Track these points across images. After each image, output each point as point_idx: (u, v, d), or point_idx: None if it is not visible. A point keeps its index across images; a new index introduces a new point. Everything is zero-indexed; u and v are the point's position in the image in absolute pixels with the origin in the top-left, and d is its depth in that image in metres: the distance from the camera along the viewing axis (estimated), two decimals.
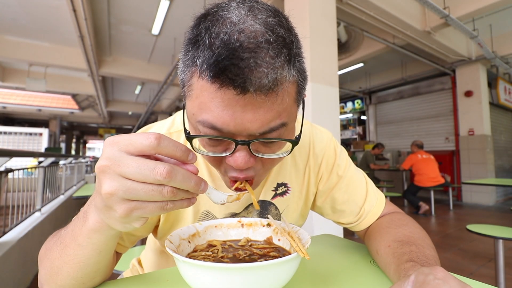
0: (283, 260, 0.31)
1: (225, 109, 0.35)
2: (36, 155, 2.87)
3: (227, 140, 0.38)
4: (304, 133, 0.62)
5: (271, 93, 0.35)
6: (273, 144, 0.41)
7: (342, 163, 0.62)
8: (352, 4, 3.45)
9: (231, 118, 0.35)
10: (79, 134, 18.68)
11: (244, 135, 0.37)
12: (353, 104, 8.66)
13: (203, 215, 0.55)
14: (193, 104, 0.38)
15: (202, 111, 0.37)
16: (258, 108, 0.35)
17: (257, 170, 0.43)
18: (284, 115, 0.38)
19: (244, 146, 0.38)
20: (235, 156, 0.38)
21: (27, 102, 10.60)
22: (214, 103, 0.35)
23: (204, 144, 0.41)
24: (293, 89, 0.38)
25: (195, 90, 0.37)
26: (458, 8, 4.09)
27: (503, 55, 5.44)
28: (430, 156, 4.74)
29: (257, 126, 0.36)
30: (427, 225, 4.03)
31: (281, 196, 0.59)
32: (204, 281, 0.31)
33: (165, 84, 6.60)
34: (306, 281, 0.43)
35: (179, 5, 4.43)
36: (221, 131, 0.36)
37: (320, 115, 2.47)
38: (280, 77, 0.34)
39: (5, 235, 2.06)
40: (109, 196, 0.28)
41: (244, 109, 0.35)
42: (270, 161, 0.43)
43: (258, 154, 0.39)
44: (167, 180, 0.28)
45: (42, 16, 4.82)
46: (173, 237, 0.41)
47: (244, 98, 0.34)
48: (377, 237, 0.53)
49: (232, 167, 0.40)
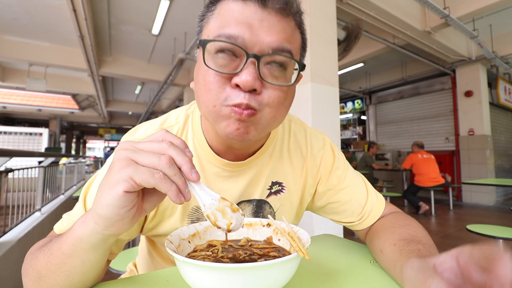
0: (283, 260, 0.31)
1: (244, 21, 0.39)
2: (36, 155, 2.87)
3: (238, 60, 0.41)
4: (301, 135, 0.63)
5: (285, 16, 0.41)
6: (280, 73, 0.42)
7: (340, 164, 0.63)
8: (352, 4, 3.45)
9: (248, 28, 0.39)
10: (79, 134, 18.68)
11: (256, 49, 0.40)
12: (353, 104, 8.66)
13: (192, 211, 0.54)
14: (210, 28, 0.42)
15: (220, 28, 0.41)
16: (274, 25, 0.40)
17: (260, 104, 0.42)
18: (293, 46, 0.43)
19: (253, 61, 0.40)
20: (243, 72, 0.39)
21: (27, 102, 10.60)
22: (234, 17, 0.40)
23: (214, 63, 0.41)
24: (298, 37, 0.45)
25: (217, 14, 0.42)
26: (458, 8, 4.09)
27: (503, 55, 5.44)
28: (431, 156, 4.73)
29: (270, 40, 0.40)
30: (427, 225, 4.03)
31: (275, 194, 0.59)
32: (204, 281, 0.31)
33: (165, 84, 6.60)
34: (306, 281, 0.43)
35: (179, 5, 4.43)
36: (236, 41, 0.39)
37: (320, 115, 2.47)
38: (292, 3, 0.42)
39: (5, 235, 2.06)
40: (118, 156, 0.32)
41: (261, 23, 0.39)
42: (276, 95, 0.42)
43: (265, 78, 0.41)
44: (168, 145, 0.32)
45: (42, 16, 4.82)
46: (173, 237, 0.41)
47: (262, 12, 0.40)
48: (381, 236, 0.52)
49: (237, 88, 0.40)
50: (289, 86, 0.43)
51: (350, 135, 8.95)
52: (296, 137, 0.62)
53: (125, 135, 0.55)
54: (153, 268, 0.66)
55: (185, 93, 8.05)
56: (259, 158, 0.57)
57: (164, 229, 0.54)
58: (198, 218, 0.55)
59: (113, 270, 1.17)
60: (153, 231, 0.55)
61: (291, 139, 0.61)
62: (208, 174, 0.55)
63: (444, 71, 6.03)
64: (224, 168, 0.54)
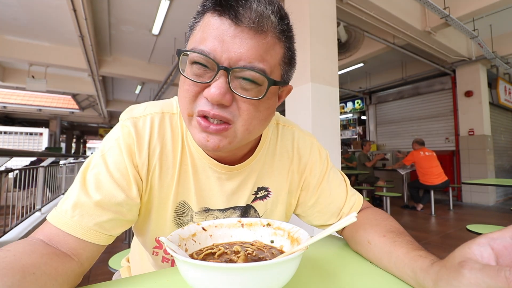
0: (283, 260, 0.31)
1: (217, 37, 0.41)
2: (36, 155, 2.87)
3: (211, 71, 0.42)
4: (288, 137, 0.63)
5: (259, 33, 0.41)
6: (252, 86, 0.42)
7: (324, 167, 0.63)
8: (352, 4, 3.45)
9: (220, 44, 0.40)
10: (79, 134, 18.67)
11: (227, 64, 0.40)
12: (353, 104, 8.66)
13: (180, 205, 0.54)
14: (193, 39, 0.44)
15: (197, 42, 0.42)
16: (245, 42, 0.40)
17: (234, 116, 0.43)
18: (267, 65, 0.42)
19: (224, 73, 0.41)
20: (212, 85, 0.41)
21: (27, 102, 10.60)
22: (211, 33, 0.41)
23: (190, 71, 0.43)
24: (279, 51, 0.45)
25: (199, 26, 0.44)
26: (458, 8, 4.09)
27: (503, 55, 5.44)
28: (432, 154, 4.70)
29: (240, 57, 0.40)
30: (427, 225, 4.03)
31: (261, 200, 0.59)
32: (204, 281, 0.31)
33: (165, 84, 6.60)
34: (306, 281, 0.43)
35: (179, 5, 4.43)
36: (208, 55, 0.40)
37: (320, 115, 2.47)
38: (267, 17, 0.41)
39: (5, 235, 2.06)
40: None
41: (233, 39, 0.40)
42: (246, 108, 0.43)
43: (235, 90, 0.41)
44: None
45: (42, 16, 4.82)
46: (173, 237, 0.41)
47: (235, 29, 0.40)
48: (366, 228, 0.53)
49: (206, 99, 0.42)
50: (259, 99, 0.43)
51: (350, 135, 8.95)
52: (283, 141, 0.62)
53: (123, 113, 0.54)
54: (140, 260, 0.66)
55: None
56: (250, 164, 0.57)
57: (152, 222, 0.54)
58: (183, 212, 0.55)
59: (111, 269, 1.17)
60: (143, 222, 0.55)
61: (278, 143, 0.61)
62: (199, 171, 0.54)
63: (444, 71, 6.03)
64: (214, 168, 0.54)
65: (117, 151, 0.48)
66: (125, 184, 0.48)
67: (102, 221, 0.45)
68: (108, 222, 0.45)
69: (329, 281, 0.43)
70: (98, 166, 0.47)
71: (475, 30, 4.34)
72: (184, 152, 0.54)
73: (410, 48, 5.10)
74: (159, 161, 0.51)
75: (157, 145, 0.51)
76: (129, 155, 0.49)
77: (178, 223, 0.54)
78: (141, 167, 0.50)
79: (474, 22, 4.65)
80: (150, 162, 0.51)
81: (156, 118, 0.53)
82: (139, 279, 0.43)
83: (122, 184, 0.47)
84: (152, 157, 0.51)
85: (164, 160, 0.52)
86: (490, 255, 0.30)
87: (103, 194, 0.45)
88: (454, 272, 0.31)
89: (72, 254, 0.42)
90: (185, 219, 0.55)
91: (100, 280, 2.08)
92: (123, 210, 0.47)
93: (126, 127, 0.50)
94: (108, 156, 0.48)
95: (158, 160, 0.51)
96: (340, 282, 0.43)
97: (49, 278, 0.35)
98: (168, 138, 0.53)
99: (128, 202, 0.47)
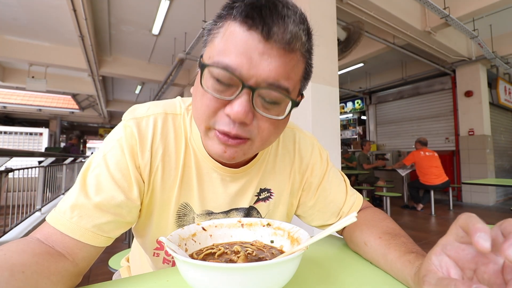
0: (283, 260, 0.31)
1: (244, 52, 0.38)
2: (36, 155, 2.87)
3: (234, 87, 0.40)
4: (289, 138, 0.63)
5: (289, 51, 0.39)
6: (273, 106, 0.42)
7: (324, 167, 0.63)
8: (352, 4, 3.45)
9: (248, 60, 0.38)
10: (79, 134, 18.64)
11: (253, 82, 0.39)
12: (353, 104, 8.66)
13: (182, 207, 0.54)
14: (214, 48, 0.41)
15: (221, 54, 0.39)
16: (274, 60, 0.38)
17: (252, 134, 0.43)
18: (291, 83, 0.41)
19: (248, 92, 0.39)
20: (235, 102, 0.39)
21: (27, 102, 10.59)
22: (236, 46, 0.38)
23: (212, 86, 0.41)
24: (302, 67, 0.43)
25: (222, 34, 0.40)
26: (458, 8, 4.09)
27: (503, 55, 5.43)
28: (434, 154, 4.69)
29: (268, 76, 0.39)
30: (427, 225, 4.03)
31: (264, 201, 0.59)
32: (204, 281, 0.31)
33: (165, 84, 6.60)
34: (306, 281, 0.43)
35: (179, 5, 4.42)
36: (233, 72, 0.38)
37: (320, 115, 2.47)
38: (299, 38, 0.39)
39: (5, 235, 2.06)
40: None
41: (261, 57, 0.38)
42: (266, 127, 0.43)
43: (257, 109, 0.41)
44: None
45: (42, 16, 4.81)
46: (173, 237, 0.41)
47: (264, 45, 0.38)
48: (363, 229, 0.53)
49: (228, 116, 0.41)
50: (280, 120, 0.43)
51: (350, 135, 8.95)
52: (285, 142, 0.62)
53: (126, 113, 0.54)
54: (140, 260, 0.66)
55: (185, 93, 8.05)
56: (253, 166, 0.57)
57: (154, 223, 0.54)
58: (185, 214, 0.55)
59: (111, 269, 1.17)
60: (144, 223, 0.55)
61: (280, 144, 0.62)
62: (203, 172, 0.54)
63: (444, 71, 6.03)
64: (218, 171, 0.54)
65: (119, 152, 0.48)
66: (126, 185, 0.47)
67: (101, 223, 0.44)
68: (107, 224, 0.45)
69: (329, 281, 0.43)
70: (99, 167, 0.47)
71: (475, 30, 4.34)
72: (188, 153, 0.53)
73: (410, 48, 5.10)
74: (161, 162, 0.51)
75: (160, 146, 0.51)
76: (132, 156, 0.48)
77: (180, 225, 0.54)
78: (144, 168, 0.49)
79: (474, 22, 4.65)
80: (152, 163, 0.50)
81: (159, 118, 0.52)
82: (139, 279, 0.43)
83: (123, 185, 0.47)
84: (155, 158, 0.50)
85: (166, 162, 0.52)
86: (448, 262, 0.30)
87: (103, 196, 0.45)
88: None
89: (67, 254, 0.42)
90: (187, 221, 0.54)
91: (100, 280, 2.08)
92: (123, 212, 0.47)
93: (129, 127, 0.50)
94: (110, 157, 0.48)
95: (160, 161, 0.51)
96: (340, 282, 0.43)
97: (40, 276, 0.35)
98: (171, 139, 0.52)
99: (128, 203, 0.47)
